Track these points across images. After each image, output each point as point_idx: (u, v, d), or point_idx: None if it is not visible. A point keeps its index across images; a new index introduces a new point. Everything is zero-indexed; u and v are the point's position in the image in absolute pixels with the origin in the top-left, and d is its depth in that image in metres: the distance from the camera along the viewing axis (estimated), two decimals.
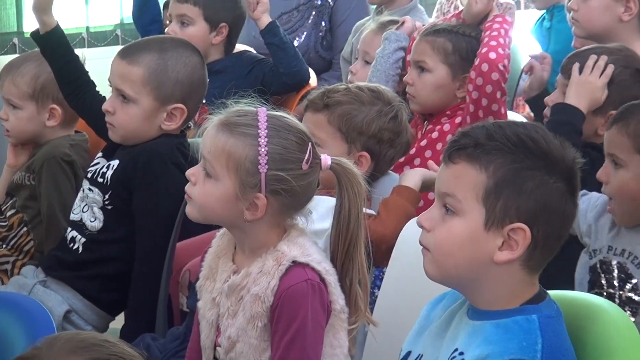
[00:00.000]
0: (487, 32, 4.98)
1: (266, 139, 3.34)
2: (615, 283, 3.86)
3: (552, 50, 5.90)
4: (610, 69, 4.39)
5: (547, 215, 2.92)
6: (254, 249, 3.39)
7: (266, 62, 5.74)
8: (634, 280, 3.87)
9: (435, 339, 3.06)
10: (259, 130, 3.35)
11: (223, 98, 3.70)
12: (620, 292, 3.86)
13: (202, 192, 3.39)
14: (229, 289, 3.40)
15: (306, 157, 3.35)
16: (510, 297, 2.94)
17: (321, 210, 3.71)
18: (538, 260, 2.94)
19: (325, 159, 3.41)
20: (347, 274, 3.38)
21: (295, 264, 3.30)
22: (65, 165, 4.74)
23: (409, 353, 3.10)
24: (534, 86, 5.08)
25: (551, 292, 3.04)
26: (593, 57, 4.42)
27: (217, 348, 3.46)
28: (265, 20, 5.70)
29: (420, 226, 2.98)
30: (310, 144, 3.40)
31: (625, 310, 3.77)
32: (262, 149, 3.33)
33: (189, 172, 3.41)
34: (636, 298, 3.84)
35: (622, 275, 3.85)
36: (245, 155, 3.32)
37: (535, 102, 5.39)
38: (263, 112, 3.40)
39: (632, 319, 3.67)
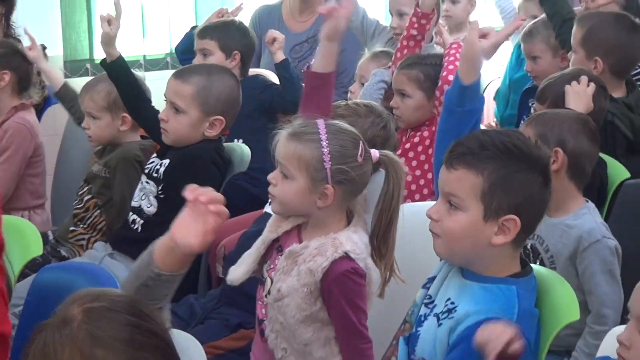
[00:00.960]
0: (446, 58, 4.95)
1: (327, 141, 3.35)
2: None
3: (522, 75, 5.85)
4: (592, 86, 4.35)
5: (531, 205, 2.97)
6: (320, 228, 3.39)
7: (275, 87, 5.70)
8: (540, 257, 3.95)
9: (436, 287, 3.11)
10: (320, 135, 3.35)
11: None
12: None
13: (282, 190, 3.38)
14: (289, 253, 3.38)
15: (359, 152, 3.36)
16: (498, 269, 2.99)
17: None
18: (522, 239, 3.03)
19: (374, 152, 3.44)
20: (386, 240, 3.37)
21: (346, 255, 3.30)
22: (136, 164, 4.74)
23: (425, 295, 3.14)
24: None
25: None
26: (575, 83, 4.36)
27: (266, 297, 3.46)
28: (280, 56, 5.64)
29: (430, 218, 3.02)
30: (361, 141, 3.41)
31: None
32: (325, 149, 3.34)
33: (270, 177, 3.42)
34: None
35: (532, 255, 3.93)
36: (312, 156, 3.33)
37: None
38: (321, 121, 3.41)
39: None
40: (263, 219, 4.30)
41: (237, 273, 3.50)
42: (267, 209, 4.36)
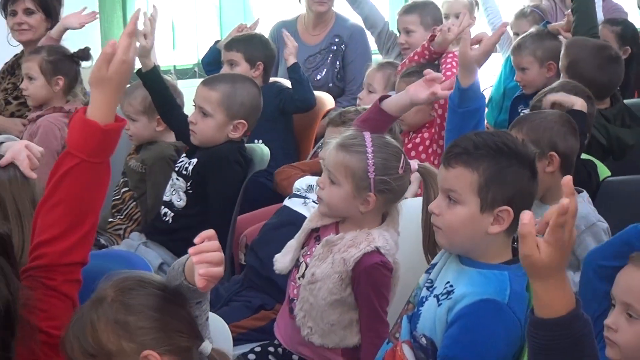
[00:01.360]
0: (443, 66, 5.01)
1: (372, 154, 3.35)
2: None
3: (515, 84, 5.85)
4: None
5: (522, 196, 2.97)
6: (356, 224, 3.40)
7: (287, 91, 5.68)
8: None
9: (437, 272, 3.11)
10: (367, 148, 3.35)
11: None
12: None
13: (328, 194, 3.40)
14: (326, 242, 3.40)
15: (400, 165, 3.37)
16: (492, 256, 2.99)
17: None
18: (514, 227, 2.92)
19: (414, 164, 3.45)
20: (435, 242, 3.30)
21: (376, 251, 3.31)
22: (171, 163, 4.73)
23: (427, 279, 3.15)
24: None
25: None
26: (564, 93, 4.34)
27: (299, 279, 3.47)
28: (291, 60, 5.66)
29: (432, 212, 3.02)
30: (402, 155, 3.41)
31: None
32: (370, 161, 3.34)
33: (320, 181, 3.44)
34: None
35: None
36: (358, 167, 3.33)
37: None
38: (368, 135, 3.40)
39: None
40: (282, 212, 4.38)
41: (284, 262, 3.52)
42: (286, 202, 4.41)
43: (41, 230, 2.60)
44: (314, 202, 4.06)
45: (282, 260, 3.53)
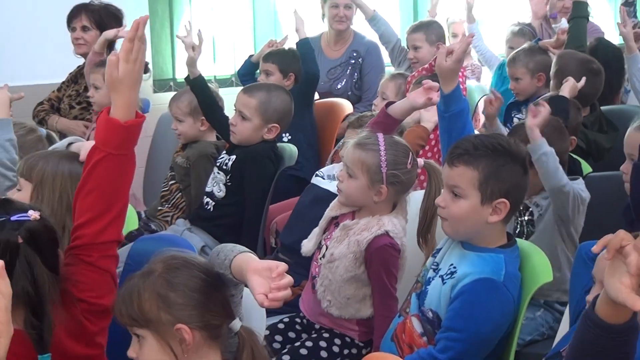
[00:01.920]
0: None
1: (385, 152, 3.36)
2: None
3: (505, 88, 5.84)
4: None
5: (516, 190, 2.99)
6: (370, 212, 3.40)
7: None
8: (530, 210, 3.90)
9: (442, 255, 3.12)
10: (380, 147, 3.36)
11: None
12: (520, 219, 3.90)
13: (347, 186, 3.40)
14: (343, 226, 3.41)
15: (409, 161, 3.37)
16: (490, 241, 3.02)
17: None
18: (510, 216, 3.03)
19: (420, 161, 3.45)
20: (430, 229, 3.38)
21: (386, 234, 3.32)
22: (211, 159, 4.72)
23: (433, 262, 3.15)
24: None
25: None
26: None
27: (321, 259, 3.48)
28: (301, 34, 5.68)
29: (438, 205, 3.05)
30: (410, 152, 3.42)
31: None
32: (383, 158, 3.35)
33: (339, 175, 3.44)
34: (526, 218, 3.89)
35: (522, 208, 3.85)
36: (372, 163, 3.34)
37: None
38: (381, 135, 3.41)
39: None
40: (310, 189, 4.40)
41: (308, 246, 3.55)
42: (314, 180, 4.42)
43: (78, 214, 2.59)
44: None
45: (307, 245, 3.55)
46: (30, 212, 2.46)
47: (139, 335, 2.32)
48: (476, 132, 4.49)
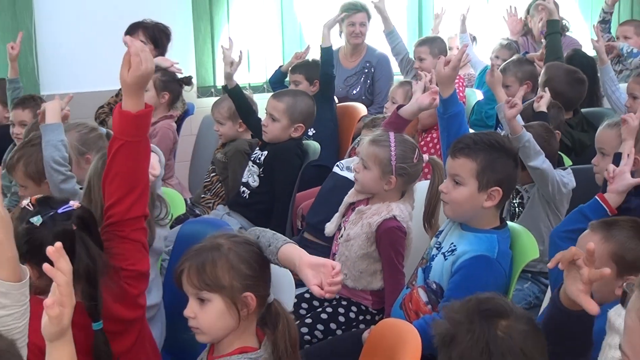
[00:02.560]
0: None
1: (395, 147, 3.37)
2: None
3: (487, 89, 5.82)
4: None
5: (508, 180, 3.00)
6: (382, 199, 3.41)
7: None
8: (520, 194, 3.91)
9: (444, 236, 3.13)
10: (391, 143, 3.38)
11: None
12: (513, 202, 3.91)
13: (362, 177, 3.42)
14: (358, 211, 3.42)
15: (415, 155, 3.38)
16: (485, 223, 3.02)
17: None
18: (502, 202, 3.03)
19: (425, 156, 3.47)
20: (434, 214, 3.38)
21: (393, 218, 3.32)
22: (245, 155, 4.73)
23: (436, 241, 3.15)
24: None
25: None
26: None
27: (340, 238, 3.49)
28: (326, 43, 5.67)
29: (441, 191, 3.05)
30: (417, 148, 3.43)
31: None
32: (393, 152, 3.37)
33: (355, 167, 3.46)
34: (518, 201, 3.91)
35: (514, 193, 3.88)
36: (384, 156, 3.36)
37: None
38: (392, 133, 3.42)
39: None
40: (331, 176, 4.41)
41: (330, 228, 3.57)
42: (335, 169, 4.43)
43: (107, 197, 2.59)
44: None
45: (329, 227, 3.57)
46: (71, 202, 2.49)
47: (204, 298, 2.31)
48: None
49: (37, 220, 2.38)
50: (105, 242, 2.57)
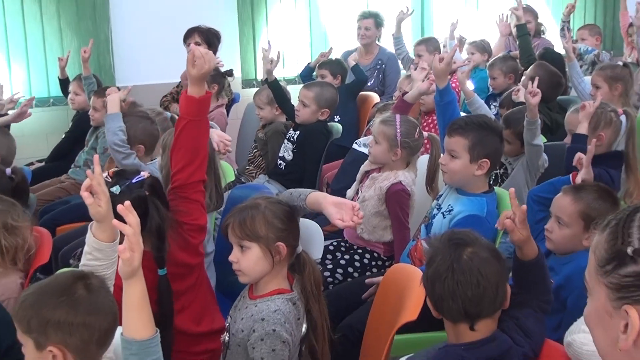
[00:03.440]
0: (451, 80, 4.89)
1: (400, 126, 3.36)
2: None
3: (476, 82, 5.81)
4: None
5: (495, 153, 2.97)
6: (391, 168, 3.40)
7: (350, 83, 5.68)
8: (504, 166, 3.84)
9: (442, 198, 3.12)
10: (397, 122, 3.38)
11: None
12: (497, 172, 3.84)
13: (374, 150, 3.41)
14: (371, 178, 3.42)
15: (416, 132, 3.37)
16: (476, 188, 3.00)
17: None
18: (490, 171, 3.00)
19: (425, 134, 3.46)
20: (434, 180, 3.36)
21: (399, 183, 3.32)
22: (282, 135, 4.72)
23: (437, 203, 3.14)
24: None
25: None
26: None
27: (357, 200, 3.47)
28: (351, 63, 5.65)
29: (441, 163, 3.04)
30: (418, 127, 3.42)
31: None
32: (398, 130, 3.35)
33: (369, 143, 3.39)
34: (502, 171, 3.85)
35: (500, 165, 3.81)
36: (391, 133, 3.35)
37: None
38: (398, 115, 3.41)
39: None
40: (351, 152, 4.45)
41: (350, 193, 3.55)
42: (354, 146, 4.44)
43: (174, 165, 2.60)
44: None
45: (349, 192, 3.57)
46: (143, 172, 2.48)
47: (245, 246, 2.31)
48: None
49: (116, 189, 2.36)
50: (171, 202, 2.58)
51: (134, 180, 2.43)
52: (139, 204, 2.29)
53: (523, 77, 5.10)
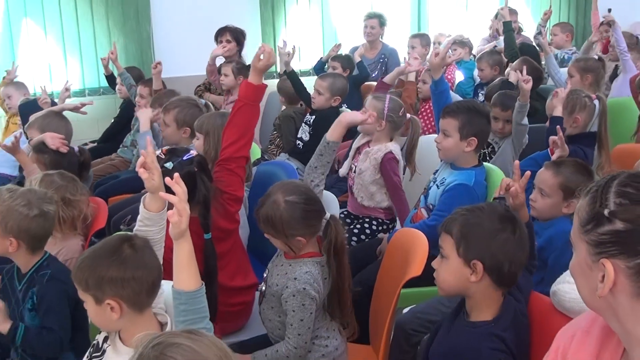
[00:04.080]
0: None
1: (388, 102, 3.34)
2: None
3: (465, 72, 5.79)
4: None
5: (482, 133, 2.96)
6: (379, 141, 3.38)
7: (356, 76, 5.58)
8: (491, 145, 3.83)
9: (439, 172, 3.10)
10: (386, 100, 3.36)
11: None
12: (484, 151, 3.79)
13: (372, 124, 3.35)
14: (365, 152, 3.39)
15: (401, 110, 3.36)
16: (466, 163, 2.98)
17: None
18: (478, 148, 2.98)
19: (408, 115, 3.43)
20: (411, 154, 3.38)
21: (390, 152, 3.31)
22: (292, 119, 4.74)
23: (433, 177, 3.13)
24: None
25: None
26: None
27: (354, 173, 3.45)
28: (357, 59, 5.54)
29: (436, 142, 3.02)
30: (403, 107, 3.39)
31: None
32: (386, 105, 3.34)
33: (369, 115, 3.24)
34: (489, 150, 3.82)
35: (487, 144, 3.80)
36: (381, 108, 3.33)
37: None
38: (388, 95, 3.40)
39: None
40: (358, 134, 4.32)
41: (344, 169, 3.54)
42: (359, 129, 4.41)
43: (225, 139, 2.63)
44: None
45: (342, 170, 3.57)
46: (192, 151, 2.49)
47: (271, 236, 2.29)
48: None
49: (169, 165, 2.35)
50: (216, 173, 2.60)
51: (184, 158, 2.43)
52: (189, 178, 2.29)
53: (507, 69, 5.08)
